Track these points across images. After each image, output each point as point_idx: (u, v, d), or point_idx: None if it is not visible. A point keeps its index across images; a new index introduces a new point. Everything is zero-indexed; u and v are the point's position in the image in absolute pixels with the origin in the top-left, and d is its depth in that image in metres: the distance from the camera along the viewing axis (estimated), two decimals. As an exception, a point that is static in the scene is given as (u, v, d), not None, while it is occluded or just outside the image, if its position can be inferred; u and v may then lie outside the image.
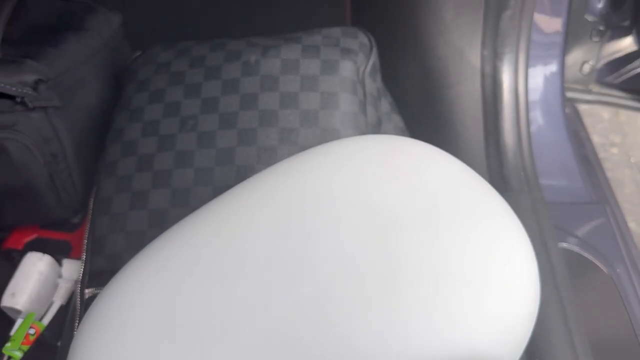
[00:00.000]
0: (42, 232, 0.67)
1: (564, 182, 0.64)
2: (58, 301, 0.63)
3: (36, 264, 0.64)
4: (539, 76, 0.64)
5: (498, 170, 0.59)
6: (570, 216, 0.61)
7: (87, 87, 0.65)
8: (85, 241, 0.56)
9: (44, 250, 0.65)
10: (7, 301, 0.62)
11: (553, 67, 0.63)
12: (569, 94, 0.75)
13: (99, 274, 0.53)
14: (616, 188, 1.09)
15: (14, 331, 0.60)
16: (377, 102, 0.62)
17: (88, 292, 0.53)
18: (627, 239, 0.62)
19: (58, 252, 0.65)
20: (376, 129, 0.61)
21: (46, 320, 0.63)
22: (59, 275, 0.65)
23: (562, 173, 0.64)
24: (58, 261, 0.65)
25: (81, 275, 0.55)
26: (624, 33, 0.71)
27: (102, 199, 0.55)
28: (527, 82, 0.58)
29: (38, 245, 0.66)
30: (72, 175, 0.63)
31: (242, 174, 0.53)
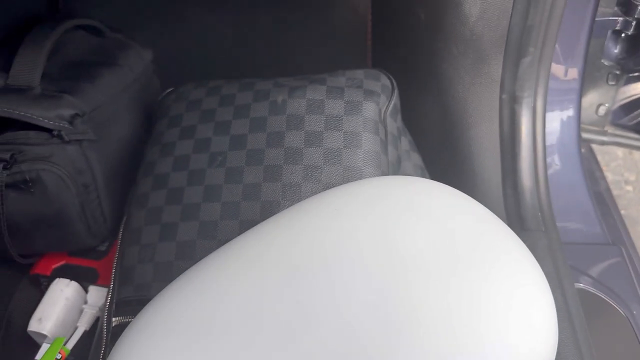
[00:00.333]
0: (69, 258, 0.69)
1: (580, 223, 0.65)
2: (82, 326, 0.65)
3: (63, 290, 0.66)
4: (555, 120, 0.65)
5: (515, 210, 0.60)
6: (585, 256, 0.62)
7: (119, 121, 0.68)
8: (114, 270, 0.58)
9: (71, 277, 0.67)
10: (34, 326, 0.64)
11: (570, 112, 0.65)
12: (585, 135, 0.76)
13: (127, 303, 0.54)
14: (630, 226, 1.10)
15: (40, 355, 0.62)
16: (398, 141, 0.64)
17: (115, 320, 0.55)
18: (643, 279, 0.63)
19: (84, 279, 0.67)
20: (396, 167, 0.63)
21: (70, 344, 0.64)
22: (85, 302, 0.67)
23: (578, 214, 0.65)
24: (84, 288, 0.67)
25: (108, 303, 0.56)
26: (638, 77, 0.73)
27: (133, 229, 0.57)
28: (545, 126, 0.60)
29: (65, 271, 0.68)
30: (102, 205, 0.66)
31: (267, 209, 0.55)
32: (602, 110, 0.76)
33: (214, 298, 0.43)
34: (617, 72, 0.73)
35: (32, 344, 0.66)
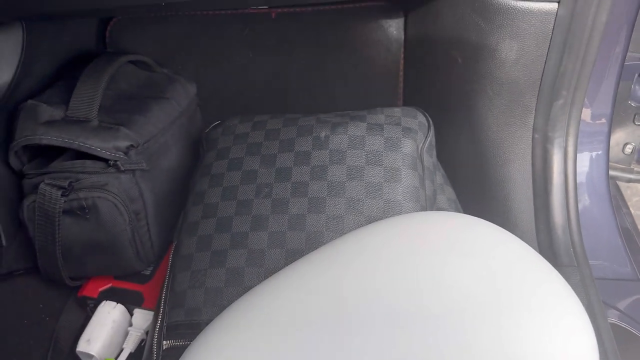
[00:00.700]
0: (115, 282, 0.72)
1: (609, 259, 0.67)
2: (128, 348, 0.68)
3: (110, 313, 0.69)
4: (585, 160, 0.68)
5: (548, 246, 0.63)
6: (615, 292, 0.64)
7: (168, 152, 0.72)
8: (163, 295, 0.61)
9: (117, 300, 0.70)
10: (82, 347, 0.66)
11: (599, 152, 0.68)
12: (612, 172, 0.79)
13: (177, 326, 0.57)
14: (654, 261, 1.11)
15: (89, 375, 0.64)
16: (433, 176, 0.67)
17: (166, 343, 0.57)
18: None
19: (130, 302, 0.70)
20: (432, 200, 0.66)
21: (116, 366, 0.67)
22: (130, 324, 0.69)
23: (607, 250, 0.67)
24: (129, 311, 0.70)
25: (158, 326, 0.59)
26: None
27: (184, 256, 0.60)
28: (576, 165, 0.63)
29: (111, 294, 0.71)
30: (150, 231, 0.69)
31: (311, 239, 0.58)
32: (628, 149, 0.78)
33: (265, 330, 0.46)
34: (643, 113, 0.76)
35: (78, 364, 0.68)
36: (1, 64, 0.63)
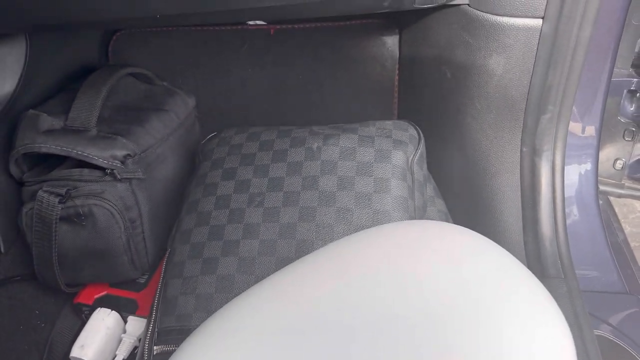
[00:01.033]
0: (111, 289, 0.73)
1: (598, 272, 0.67)
2: (121, 355, 0.69)
3: (104, 320, 0.70)
4: (574, 173, 0.69)
5: (536, 258, 0.63)
6: (604, 305, 0.64)
7: (165, 162, 0.73)
8: (155, 301, 0.62)
9: (111, 307, 0.71)
10: (76, 352, 0.67)
11: (588, 166, 0.69)
12: (603, 187, 0.80)
13: (168, 332, 0.58)
14: (650, 278, 1.11)
15: (81, 381, 0.65)
16: (423, 188, 0.68)
17: (157, 349, 0.58)
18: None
19: (124, 309, 0.71)
20: (422, 211, 0.67)
21: (108, 372, 0.68)
22: (124, 331, 0.70)
23: (596, 263, 0.68)
24: (123, 318, 0.71)
25: (150, 332, 0.60)
26: (654, 134, 0.78)
27: (176, 263, 0.61)
28: (564, 177, 0.64)
29: (106, 301, 0.72)
30: (146, 239, 0.70)
31: (301, 247, 0.59)
32: (619, 165, 0.79)
33: (252, 334, 0.46)
34: (633, 129, 0.77)
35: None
36: (4, 74, 0.65)
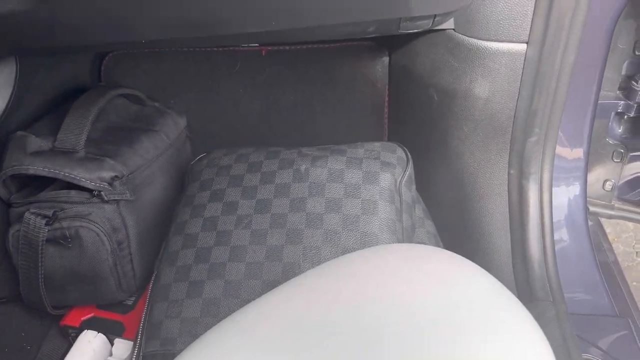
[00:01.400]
0: (98, 311, 0.72)
1: (587, 294, 0.67)
2: (106, 379, 0.68)
3: (91, 342, 0.69)
4: (563, 195, 0.69)
5: (524, 280, 0.63)
6: (593, 328, 0.64)
7: (154, 182, 0.73)
8: (141, 325, 0.61)
9: (98, 329, 0.70)
10: (61, 376, 0.67)
11: (576, 188, 0.69)
12: (593, 208, 0.80)
13: (153, 356, 0.57)
14: (642, 299, 1.10)
15: (65, 405, 0.64)
16: (412, 210, 0.68)
17: (141, 373, 0.58)
18: (651, 353, 0.64)
19: (111, 331, 0.70)
20: (410, 233, 0.67)
21: (93, 396, 0.67)
22: (110, 354, 0.70)
23: (586, 285, 0.67)
24: (110, 340, 0.70)
25: (135, 357, 0.59)
26: (641, 156, 0.78)
27: (162, 286, 0.60)
28: (552, 200, 0.64)
29: (93, 324, 0.71)
30: (133, 261, 0.70)
31: (288, 270, 0.59)
32: (608, 186, 0.80)
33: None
34: (622, 151, 0.78)
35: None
36: (-7, 96, 0.66)
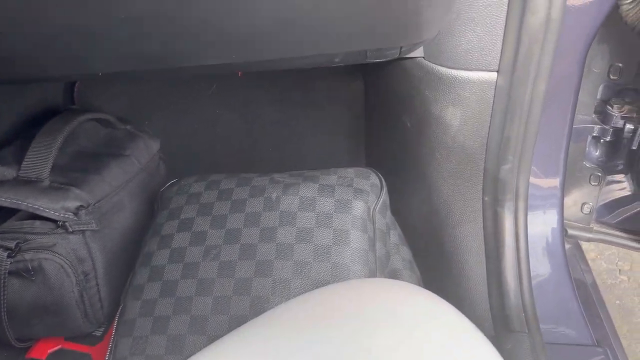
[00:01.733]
0: (65, 343, 0.70)
1: (565, 324, 0.66)
2: (72, 415, 0.66)
3: (56, 377, 0.67)
4: (539, 224, 0.68)
5: (499, 310, 0.62)
6: (570, 358, 0.63)
7: (123, 210, 0.72)
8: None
9: (65, 362, 0.68)
10: (24, 413, 0.64)
11: (553, 216, 0.68)
12: (571, 232, 0.79)
13: (117, 394, 0.56)
14: (625, 317, 1.10)
15: None
16: (386, 237, 0.66)
17: (104, 412, 0.56)
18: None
19: (78, 364, 0.68)
20: (385, 262, 0.65)
21: None
22: (76, 388, 0.68)
23: (564, 315, 0.66)
24: (77, 374, 0.68)
25: (99, 394, 0.58)
26: (619, 179, 0.77)
27: (127, 320, 0.59)
28: (527, 227, 0.63)
29: (60, 356, 0.69)
30: (100, 292, 0.68)
31: (256, 304, 0.57)
32: (586, 209, 0.79)
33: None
34: (599, 174, 0.77)
35: None
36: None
